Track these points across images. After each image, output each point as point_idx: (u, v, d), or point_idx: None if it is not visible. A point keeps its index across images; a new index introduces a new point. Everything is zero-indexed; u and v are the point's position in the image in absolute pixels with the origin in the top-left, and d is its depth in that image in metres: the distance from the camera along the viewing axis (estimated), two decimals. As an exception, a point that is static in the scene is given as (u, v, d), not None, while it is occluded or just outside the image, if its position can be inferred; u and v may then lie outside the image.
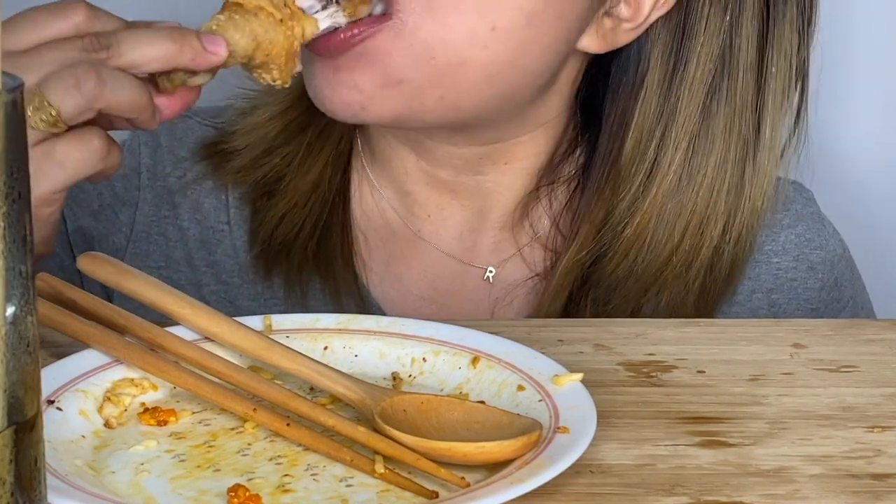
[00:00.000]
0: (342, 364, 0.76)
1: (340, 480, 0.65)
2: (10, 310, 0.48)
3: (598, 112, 1.00)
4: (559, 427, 0.67)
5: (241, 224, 1.04)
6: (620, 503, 0.64)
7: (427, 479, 0.65)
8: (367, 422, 0.69)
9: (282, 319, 0.79)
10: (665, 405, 0.75)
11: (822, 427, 0.72)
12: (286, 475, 0.66)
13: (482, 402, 0.71)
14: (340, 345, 0.78)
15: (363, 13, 0.87)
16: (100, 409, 0.71)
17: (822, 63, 1.02)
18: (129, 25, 0.79)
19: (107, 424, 0.71)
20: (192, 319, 0.76)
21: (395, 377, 0.76)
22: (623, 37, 0.95)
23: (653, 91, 0.96)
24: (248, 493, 0.63)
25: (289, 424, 0.68)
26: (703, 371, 0.79)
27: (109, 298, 0.82)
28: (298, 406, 0.70)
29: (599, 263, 0.98)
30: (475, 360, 0.75)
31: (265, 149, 1.02)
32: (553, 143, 1.01)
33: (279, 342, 0.75)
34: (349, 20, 0.87)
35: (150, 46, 0.77)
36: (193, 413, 0.72)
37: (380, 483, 0.65)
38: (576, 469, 0.65)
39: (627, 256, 0.97)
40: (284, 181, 1.01)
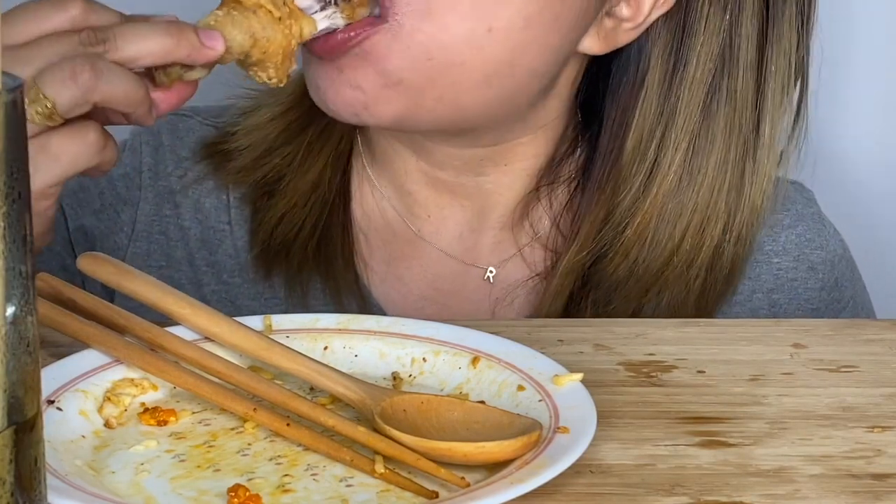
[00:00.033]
0: (342, 364, 0.76)
1: (340, 480, 0.65)
2: (10, 310, 0.48)
3: (598, 111, 1.00)
4: (559, 427, 0.67)
5: (242, 224, 1.04)
6: (620, 503, 0.64)
7: (427, 479, 0.65)
8: (367, 422, 0.69)
9: (281, 319, 0.79)
10: (665, 405, 0.75)
11: (822, 427, 0.72)
12: (286, 475, 0.66)
13: (482, 402, 0.71)
14: (340, 345, 0.78)
15: (361, 15, 0.87)
16: (100, 409, 0.71)
17: (822, 63, 1.02)
18: (127, 19, 0.79)
19: (107, 424, 0.71)
20: (192, 319, 0.76)
21: (395, 377, 0.76)
22: (623, 37, 0.95)
23: (653, 91, 0.96)
24: (248, 493, 0.63)
25: (289, 424, 0.68)
26: (703, 371, 0.79)
27: (111, 298, 0.82)
28: (298, 406, 0.70)
29: (600, 263, 0.98)
30: (475, 360, 0.75)
31: (266, 149, 1.02)
32: (553, 144, 1.01)
33: (279, 342, 0.75)
34: (347, 22, 0.87)
35: (147, 40, 0.77)
36: (193, 413, 0.72)
37: (380, 483, 0.65)
38: (576, 469, 0.65)
39: (628, 256, 0.97)
40: (284, 181, 1.01)
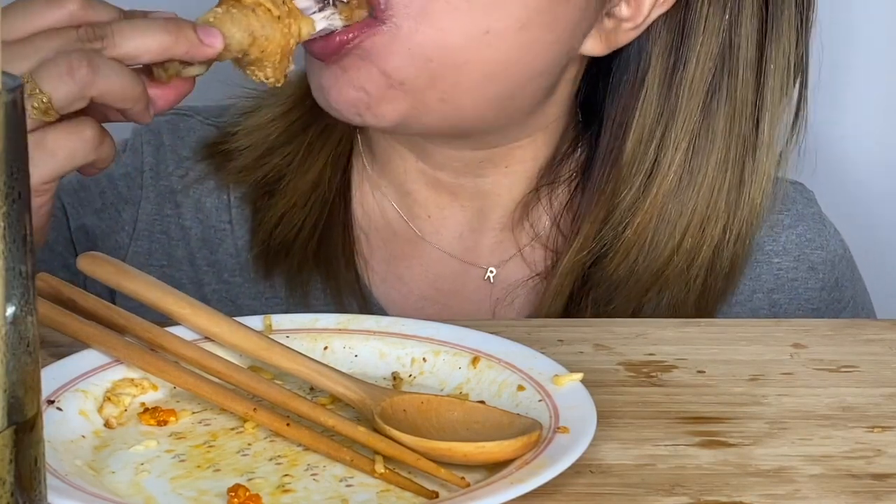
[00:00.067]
0: (342, 364, 0.76)
1: (340, 480, 0.65)
2: (10, 310, 0.48)
3: (598, 111, 1.00)
4: (559, 427, 0.67)
5: (243, 223, 1.04)
6: (620, 503, 0.64)
7: (427, 479, 0.65)
8: (367, 422, 0.69)
9: (281, 319, 0.79)
10: (665, 405, 0.74)
11: (822, 427, 0.72)
12: (286, 475, 0.66)
13: (482, 402, 0.71)
14: (340, 345, 0.78)
15: (359, 17, 0.87)
16: (100, 409, 0.71)
17: (822, 63, 1.02)
18: (125, 15, 0.79)
19: (107, 424, 0.71)
20: (192, 319, 0.76)
21: (395, 377, 0.76)
22: (623, 37, 0.95)
23: (653, 90, 0.96)
24: (248, 493, 0.63)
25: (289, 424, 0.68)
26: (703, 371, 0.79)
27: (112, 298, 0.82)
28: (298, 406, 0.70)
29: (600, 263, 0.98)
30: (475, 360, 0.75)
31: (267, 149, 1.02)
32: (553, 145, 1.01)
33: (279, 342, 0.75)
34: (345, 24, 0.87)
35: (146, 37, 0.76)
36: (193, 413, 0.72)
37: (380, 483, 0.65)
38: (576, 469, 0.65)
39: (628, 256, 0.97)
40: (284, 181, 1.01)
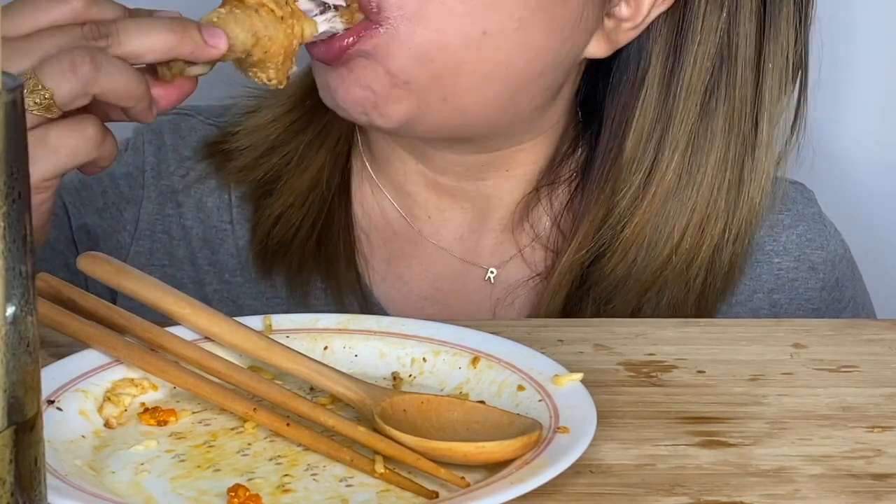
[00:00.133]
0: (342, 364, 0.76)
1: (340, 480, 0.65)
2: (10, 310, 0.48)
3: (598, 110, 1.00)
4: (559, 427, 0.67)
5: (244, 223, 1.03)
6: (620, 503, 0.64)
7: (427, 479, 0.65)
8: (367, 422, 0.69)
9: (281, 319, 0.79)
10: (665, 405, 0.74)
11: (822, 427, 0.72)
12: (286, 475, 0.66)
13: (482, 402, 0.71)
14: (340, 345, 0.78)
15: (359, 20, 0.87)
16: (100, 409, 0.71)
17: (822, 63, 1.02)
18: (130, 13, 0.79)
19: (107, 424, 0.70)
20: (192, 319, 0.76)
21: (395, 377, 0.76)
22: (623, 36, 0.95)
23: (653, 89, 0.96)
24: (248, 493, 0.63)
25: (289, 424, 0.68)
26: (703, 371, 0.79)
27: (113, 298, 0.82)
28: (298, 406, 0.70)
29: (599, 263, 0.98)
30: (475, 360, 0.75)
31: (267, 148, 1.02)
32: (554, 147, 1.01)
33: (279, 342, 0.75)
34: (346, 26, 0.87)
35: (151, 36, 0.76)
36: (193, 413, 0.72)
37: (380, 483, 0.65)
38: (576, 469, 0.65)
39: (627, 255, 0.97)
40: (282, 180, 1.01)
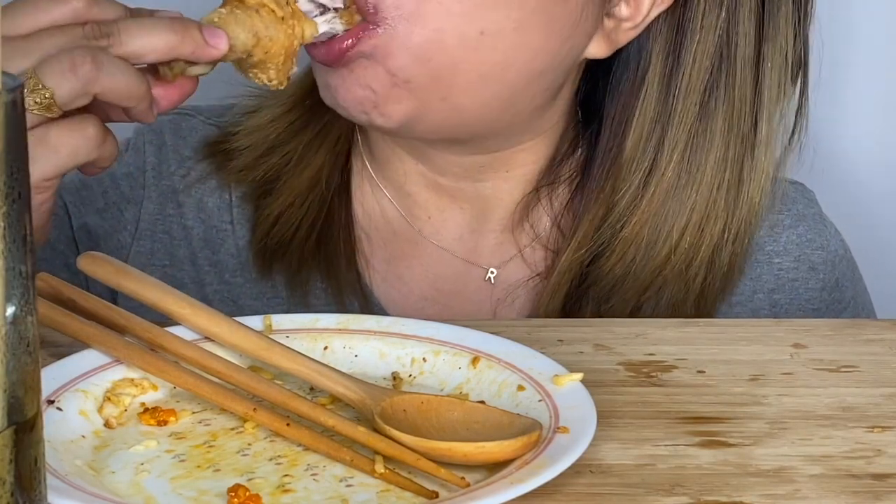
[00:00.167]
0: (342, 364, 0.76)
1: (340, 480, 0.65)
2: (10, 310, 0.48)
3: (598, 110, 1.00)
4: (559, 427, 0.67)
5: (244, 223, 1.03)
6: (620, 503, 0.64)
7: (427, 479, 0.65)
8: (367, 422, 0.69)
9: (281, 319, 0.79)
10: (665, 405, 0.74)
11: (822, 427, 0.72)
12: (286, 475, 0.66)
13: (482, 402, 0.71)
14: (340, 345, 0.78)
15: (358, 21, 0.87)
16: (100, 409, 0.71)
17: (822, 63, 1.02)
18: (131, 13, 0.79)
19: (107, 424, 0.71)
20: (192, 319, 0.76)
21: (395, 377, 0.76)
22: (623, 36, 0.95)
23: (653, 89, 0.96)
24: (248, 493, 0.63)
25: (289, 424, 0.68)
26: (703, 371, 0.79)
27: (114, 298, 0.82)
28: (298, 406, 0.70)
29: (598, 262, 0.98)
30: (475, 360, 0.75)
31: (267, 148, 1.02)
32: (553, 148, 1.01)
33: (279, 342, 0.75)
34: (346, 28, 0.87)
35: (152, 36, 0.76)
36: (193, 413, 0.72)
37: (380, 483, 0.65)
38: (576, 469, 0.65)
39: (626, 255, 0.97)
40: (282, 180, 1.01)
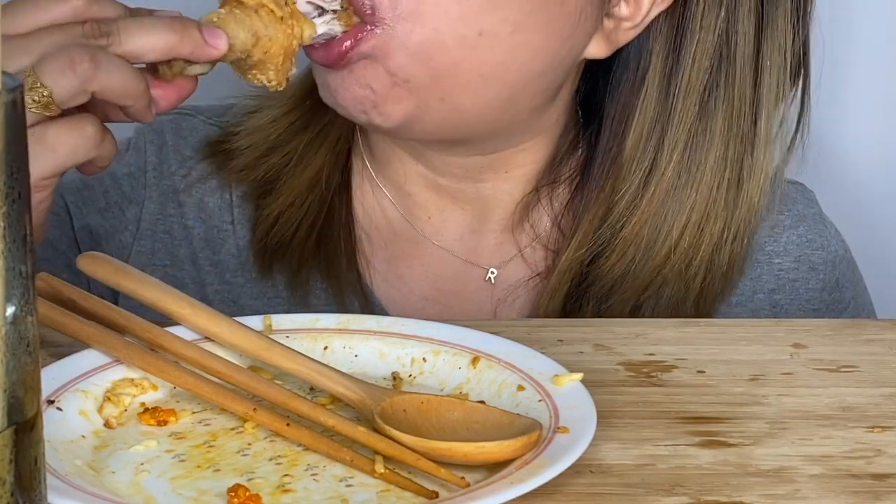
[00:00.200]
0: (342, 364, 0.76)
1: (340, 480, 0.65)
2: (10, 310, 0.48)
3: (598, 109, 1.00)
4: (559, 427, 0.67)
5: (245, 223, 1.03)
6: (620, 503, 0.64)
7: (427, 479, 0.65)
8: (367, 422, 0.69)
9: (282, 319, 0.79)
10: (665, 405, 0.74)
11: (822, 427, 0.72)
12: (286, 475, 0.66)
13: (482, 402, 0.71)
14: (340, 345, 0.78)
15: (356, 22, 0.87)
16: (100, 409, 0.71)
17: (823, 63, 1.02)
18: (130, 13, 0.79)
19: (107, 424, 0.71)
20: (192, 319, 0.76)
21: (395, 377, 0.76)
22: (623, 36, 0.95)
23: (653, 88, 0.96)
24: (248, 493, 0.63)
25: (289, 424, 0.68)
26: (703, 371, 0.79)
27: (115, 298, 0.82)
28: (298, 406, 0.70)
29: (597, 261, 0.98)
30: (475, 360, 0.75)
31: (267, 148, 1.02)
32: (553, 148, 1.01)
33: (279, 342, 0.75)
34: (344, 29, 0.87)
35: (151, 35, 0.76)
36: (193, 413, 0.72)
37: (380, 483, 0.65)
38: (576, 469, 0.65)
39: (625, 254, 0.97)
40: (281, 180, 1.01)
